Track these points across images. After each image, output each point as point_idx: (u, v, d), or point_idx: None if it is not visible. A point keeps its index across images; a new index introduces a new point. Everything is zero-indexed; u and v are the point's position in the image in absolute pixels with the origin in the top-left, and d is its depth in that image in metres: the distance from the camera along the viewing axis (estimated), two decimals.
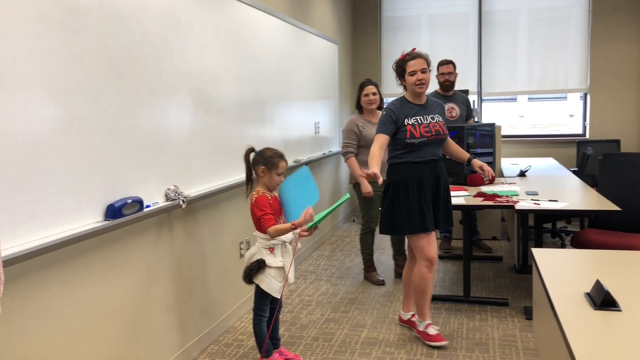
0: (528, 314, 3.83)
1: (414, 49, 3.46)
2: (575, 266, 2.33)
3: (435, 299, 4.21)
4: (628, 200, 3.92)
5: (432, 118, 3.41)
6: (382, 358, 3.28)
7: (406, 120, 3.35)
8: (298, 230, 2.98)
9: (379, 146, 3.32)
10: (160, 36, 2.91)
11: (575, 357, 1.49)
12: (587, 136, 6.95)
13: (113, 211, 2.52)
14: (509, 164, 5.87)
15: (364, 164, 4.61)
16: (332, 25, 6.55)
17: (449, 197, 3.50)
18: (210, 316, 3.53)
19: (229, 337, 3.63)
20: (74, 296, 2.40)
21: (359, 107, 4.72)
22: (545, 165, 5.76)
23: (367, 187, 4.55)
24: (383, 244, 5.93)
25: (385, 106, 3.48)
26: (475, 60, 7.18)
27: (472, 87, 7.11)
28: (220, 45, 3.57)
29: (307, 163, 5.30)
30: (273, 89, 4.49)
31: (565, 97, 18.08)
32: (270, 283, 2.98)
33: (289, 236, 3.00)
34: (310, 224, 2.92)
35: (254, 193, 3.00)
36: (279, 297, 3.03)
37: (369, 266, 4.72)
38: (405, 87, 3.46)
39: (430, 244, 3.39)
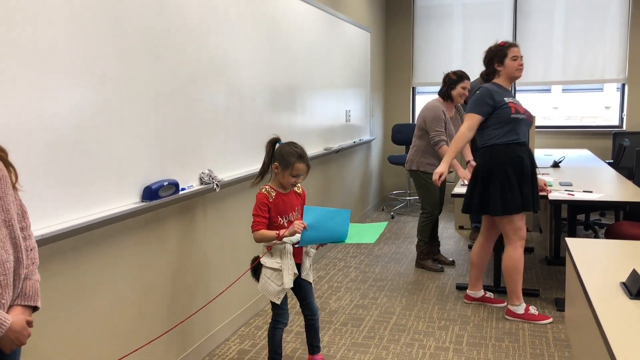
0: (559, 305, 3.79)
1: (502, 41, 3.60)
2: (610, 256, 2.30)
3: (465, 288, 4.19)
4: None
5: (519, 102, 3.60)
6: (410, 344, 3.30)
7: (506, 99, 3.48)
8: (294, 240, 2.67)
9: (468, 128, 3.48)
10: (197, 23, 2.95)
11: (611, 346, 1.48)
12: (624, 127, 6.80)
13: (150, 193, 2.58)
14: (542, 155, 5.79)
15: (436, 155, 4.51)
16: (364, 13, 6.52)
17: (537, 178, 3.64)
18: (240, 300, 3.59)
19: (259, 320, 3.69)
20: (111, 274, 2.47)
21: (446, 96, 4.53)
22: (579, 157, 5.67)
23: (464, 173, 4.24)
24: (410, 231, 5.92)
25: (478, 87, 3.53)
26: None
27: None
28: (255, 32, 3.59)
29: (337, 151, 5.31)
30: (305, 77, 4.51)
31: (602, 89, 17.67)
32: (265, 284, 2.74)
33: (292, 238, 2.66)
34: (301, 242, 2.64)
35: (261, 187, 2.77)
36: (277, 302, 2.76)
37: (425, 254, 4.71)
38: (494, 73, 3.58)
39: (525, 223, 3.58)
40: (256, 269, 2.79)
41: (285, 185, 2.76)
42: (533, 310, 3.59)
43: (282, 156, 2.71)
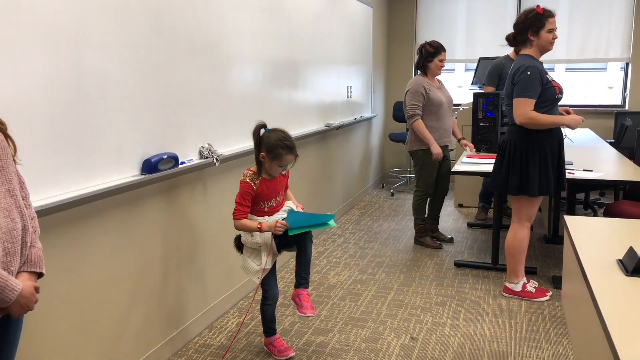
0: (556, 283, 3.82)
1: (538, 5, 3.32)
2: (608, 234, 2.31)
3: (463, 265, 4.22)
4: None
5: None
6: (407, 319, 3.33)
7: (548, 76, 3.31)
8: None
9: (533, 114, 3.24)
10: None
11: (606, 322, 1.49)
12: (626, 107, 6.76)
13: (149, 166, 2.58)
14: None
15: (427, 129, 4.50)
16: None
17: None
18: (239, 273, 3.61)
19: (258, 293, 3.71)
20: (110, 246, 2.48)
21: (423, 69, 4.55)
22: (581, 136, 5.65)
23: (437, 149, 4.41)
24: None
25: (523, 66, 3.27)
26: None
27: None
28: (257, 5, 3.55)
29: (338, 127, 5.30)
30: (306, 51, 4.47)
31: (605, 68, 17.52)
32: (246, 263, 2.76)
33: (276, 216, 2.75)
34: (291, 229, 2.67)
35: (246, 171, 2.74)
36: (256, 281, 2.77)
37: (423, 231, 4.74)
38: (525, 42, 3.35)
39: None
40: (240, 244, 2.82)
41: (272, 173, 2.72)
42: (530, 287, 3.61)
43: (270, 147, 2.64)
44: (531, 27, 3.29)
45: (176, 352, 2.95)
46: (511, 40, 3.45)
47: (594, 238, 2.23)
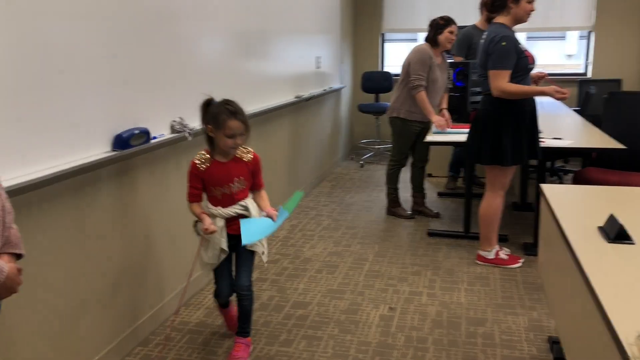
0: (528, 249, 3.89)
1: None
2: (585, 201, 2.34)
3: (436, 234, 4.26)
4: (631, 139, 3.91)
5: None
6: (385, 290, 3.35)
7: (521, 46, 3.28)
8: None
9: (508, 86, 3.25)
10: None
11: (594, 287, 1.51)
12: (589, 75, 6.87)
13: (121, 142, 2.49)
14: None
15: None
16: None
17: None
18: None
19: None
20: (83, 227, 2.40)
21: (434, 42, 4.43)
22: (545, 103, 5.72)
23: (437, 118, 4.31)
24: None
25: (498, 35, 3.26)
26: None
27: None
28: None
29: (308, 99, 5.22)
30: (275, 21, 4.37)
31: (564, 37, 17.77)
32: (200, 252, 2.58)
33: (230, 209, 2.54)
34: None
35: (199, 152, 2.55)
36: (206, 272, 2.66)
37: (395, 201, 4.74)
38: (502, 8, 3.32)
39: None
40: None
41: (224, 149, 2.45)
42: (503, 255, 3.67)
43: (213, 116, 2.41)
44: None
45: (153, 331, 2.90)
46: (489, 5, 3.41)
47: (572, 206, 2.26)
